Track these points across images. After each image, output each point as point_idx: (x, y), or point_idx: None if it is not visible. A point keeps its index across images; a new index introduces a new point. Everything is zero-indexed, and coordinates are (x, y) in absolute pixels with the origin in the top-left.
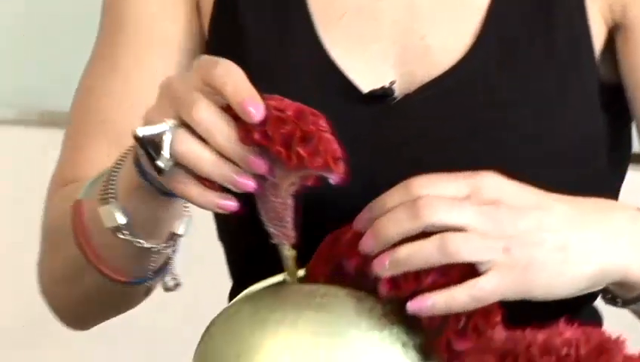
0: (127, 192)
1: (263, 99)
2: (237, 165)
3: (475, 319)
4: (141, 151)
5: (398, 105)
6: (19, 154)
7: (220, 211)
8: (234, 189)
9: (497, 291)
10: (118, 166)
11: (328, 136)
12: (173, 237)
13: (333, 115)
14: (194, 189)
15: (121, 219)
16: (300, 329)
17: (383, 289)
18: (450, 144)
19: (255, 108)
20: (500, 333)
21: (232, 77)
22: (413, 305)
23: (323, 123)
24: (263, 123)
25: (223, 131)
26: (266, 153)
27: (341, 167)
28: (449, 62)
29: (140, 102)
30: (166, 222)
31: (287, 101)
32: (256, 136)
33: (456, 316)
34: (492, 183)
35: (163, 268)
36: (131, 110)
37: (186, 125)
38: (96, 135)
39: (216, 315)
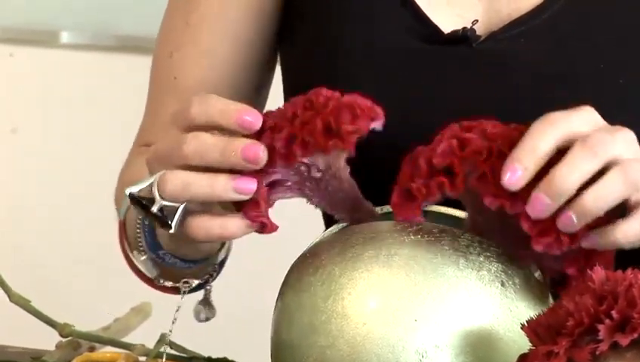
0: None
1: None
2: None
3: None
4: (139, 211)
5: (483, 45)
6: (94, 80)
7: (249, 229)
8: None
9: None
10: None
11: (342, 101)
12: (214, 263)
13: (412, 59)
14: (212, 220)
15: (151, 273)
16: (394, 267)
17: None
18: (539, 87)
19: (251, 116)
20: (598, 274)
21: (211, 104)
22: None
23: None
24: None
25: (217, 145)
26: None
27: (377, 114)
28: None
29: (214, 60)
30: (204, 250)
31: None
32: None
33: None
34: (597, 117)
35: (202, 284)
36: (205, 68)
37: None
38: (168, 94)
39: (298, 256)
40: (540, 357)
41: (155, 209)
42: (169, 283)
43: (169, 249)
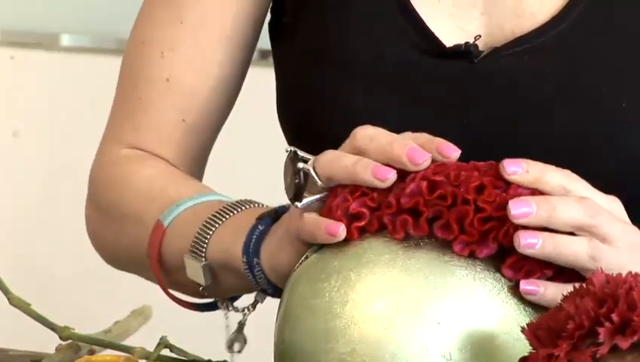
0: (220, 261)
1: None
2: None
3: None
4: (289, 166)
5: (485, 60)
6: (94, 82)
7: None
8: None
9: None
10: (216, 219)
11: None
12: (252, 303)
13: (409, 70)
14: (323, 220)
15: (205, 281)
16: (412, 271)
17: (507, 274)
18: (539, 106)
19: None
20: (599, 277)
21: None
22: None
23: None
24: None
25: (392, 142)
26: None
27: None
28: (544, 16)
29: (211, 63)
30: (247, 290)
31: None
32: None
33: None
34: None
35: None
36: (202, 71)
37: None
38: (159, 95)
39: (300, 261)
40: (541, 360)
41: (301, 171)
42: (213, 299)
43: (266, 258)
